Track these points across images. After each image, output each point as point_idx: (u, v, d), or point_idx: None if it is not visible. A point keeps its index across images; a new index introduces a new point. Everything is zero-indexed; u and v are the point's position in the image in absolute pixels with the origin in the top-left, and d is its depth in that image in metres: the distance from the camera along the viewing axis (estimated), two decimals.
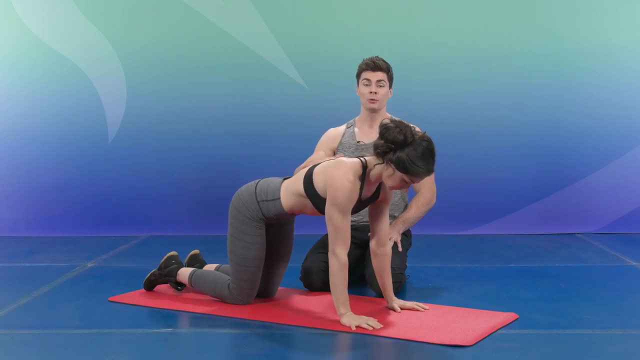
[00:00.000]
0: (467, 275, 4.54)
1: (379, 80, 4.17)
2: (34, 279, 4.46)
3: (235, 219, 3.73)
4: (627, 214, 5.96)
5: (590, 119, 5.93)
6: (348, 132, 4.31)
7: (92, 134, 5.97)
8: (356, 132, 4.29)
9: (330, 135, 4.35)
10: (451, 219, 5.96)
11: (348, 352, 3.24)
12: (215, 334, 3.42)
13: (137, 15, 5.95)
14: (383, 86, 4.19)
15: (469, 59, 5.93)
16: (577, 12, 5.91)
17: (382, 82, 4.18)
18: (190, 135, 5.98)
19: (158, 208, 6.00)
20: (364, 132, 4.28)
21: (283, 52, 5.94)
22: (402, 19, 5.95)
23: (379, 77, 4.17)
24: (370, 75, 4.18)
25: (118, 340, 3.33)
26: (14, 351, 3.24)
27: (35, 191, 5.99)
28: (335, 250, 3.44)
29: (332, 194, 3.44)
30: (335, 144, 4.30)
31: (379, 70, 4.18)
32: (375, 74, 4.18)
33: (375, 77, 4.17)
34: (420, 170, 3.36)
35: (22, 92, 5.96)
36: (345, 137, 4.29)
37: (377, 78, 4.17)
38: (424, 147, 3.37)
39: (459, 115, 5.92)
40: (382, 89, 4.18)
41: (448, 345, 3.19)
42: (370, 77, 4.18)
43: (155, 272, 4.06)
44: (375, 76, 4.18)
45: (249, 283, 3.75)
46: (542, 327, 3.46)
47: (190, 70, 5.96)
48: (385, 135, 3.40)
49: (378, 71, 4.18)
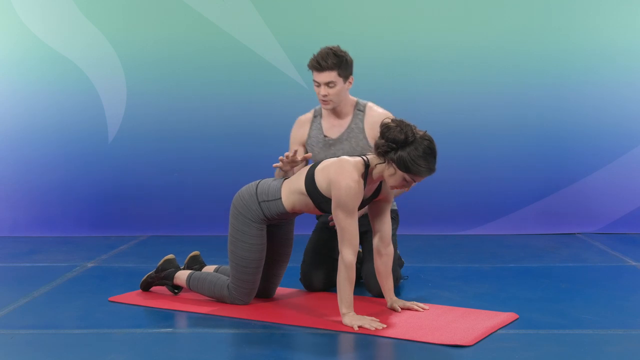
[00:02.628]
0: (466, 275, 4.54)
1: (327, 82, 3.88)
2: (34, 279, 4.46)
3: (236, 220, 3.73)
4: (627, 214, 5.96)
5: (590, 119, 5.93)
6: (315, 124, 4.11)
7: (92, 134, 5.97)
8: (322, 123, 4.09)
9: (299, 127, 4.16)
10: (451, 219, 5.96)
11: (348, 352, 3.24)
12: (215, 334, 3.42)
13: (138, 15, 5.95)
14: (333, 86, 3.89)
15: (468, 59, 5.92)
16: (577, 12, 5.91)
17: (331, 83, 3.88)
18: (190, 135, 5.97)
19: (158, 208, 6.00)
20: (329, 123, 4.07)
21: (283, 52, 5.94)
22: (402, 19, 5.95)
23: (326, 78, 3.87)
24: (317, 77, 3.90)
25: (118, 340, 3.33)
26: (14, 351, 3.24)
27: (35, 191, 5.99)
28: (342, 251, 3.44)
29: (337, 194, 3.44)
30: (305, 137, 4.12)
31: (326, 71, 3.87)
32: (322, 75, 3.88)
33: (323, 79, 3.88)
34: (422, 169, 3.37)
35: (22, 92, 5.96)
36: (313, 130, 4.11)
37: (325, 80, 3.88)
38: (425, 146, 3.37)
39: (458, 115, 5.92)
40: (333, 89, 3.90)
41: (448, 345, 3.19)
42: (318, 79, 3.90)
43: (152, 274, 4.06)
44: (322, 77, 3.88)
45: (248, 283, 3.75)
46: (542, 327, 3.46)
47: (190, 70, 5.96)
48: (386, 134, 3.40)
49: (325, 71, 3.87)
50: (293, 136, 4.20)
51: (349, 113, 4.08)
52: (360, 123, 4.05)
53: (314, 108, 4.20)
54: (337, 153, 4.03)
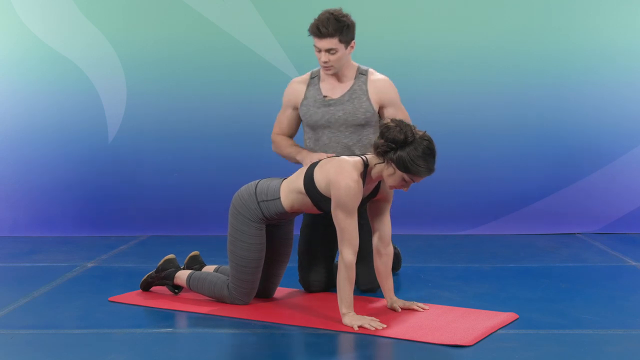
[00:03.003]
0: (466, 275, 4.54)
1: (328, 49, 3.84)
2: (34, 279, 4.46)
3: (236, 220, 3.73)
4: (627, 214, 5.96)
5: (590, 119, 5.93)
6: (313, 84, 4.03)
7: (92, 134, 5.97)
8: (321, 85, 4.02)
9: (293, 88, 4.08)
10: (451, 219, 5.96)
11: (348, 352, 3.24)
12: (215, 334, 3.42)
13: (138, 15, 5.95)
14: (335, 53, 3.84)
15: (468, 59, 5.92)
16: (577, 12, 5.90)
17: (332, 50, 3.83)
18: (190, 135, 5.97)
19: (158, 208, 6.00)
20: (330, 85, 4.01)
21: (283, 52, 5.94)
22: (402, 19, 5.94)
23: (327, 45, 3.83)
24: (318, 43, 3.85)
25: (118, 340, 3.33)
26: (14, 351, 3.24)
27: (35, 191, 5.99)
28: (342, 251, 3.44)
29: (336, 194, 3.44)
30: (300, 98, 4.04)
31: (327, 37, 3.82)
32: (323, 42, 3.83)
33: (324, 46, 3.84)
34: (421, 170, 3.37)
35: (22, 92, 5.96)
36: (310, 91, 4.03)
37: (325, 47, 3.83)
38: (424, 146, 3.38)
39: (458, 115, 5.91)
40: (334, 55, 3.85)
41: (448, 345, 3.19)
42: (318, 45, 3.85)
43: (152, 274, 4.06)
44: (322, 44, 3.84)
45: (248, 283, 3.75)
46: (542, 327, 3.46)
47: (190, 70, 5.96)
48: (385, 134, 3.40)
49: (325, 38, 3.82)
50: (286, 97, 4.11)
51: (351, 76, 4.02)
52: (364, 85, 4.01)
53: (310, 71, 4.12)
54: (337, 114, 3.98)
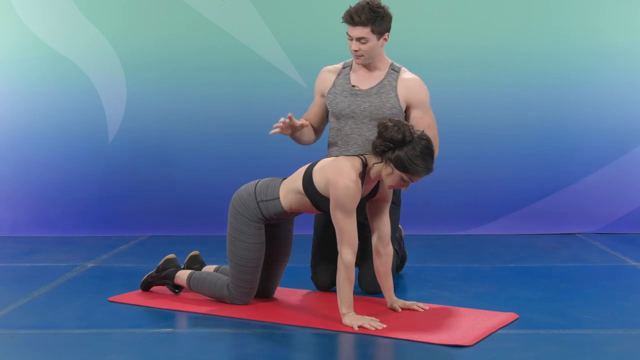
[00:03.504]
0: (466, 275, 4.54)
1: (360, 38, 3.83)
2: (34, 279, 4.46)
3: (235, 219, 3.73)
4: (627, 214, 5.96)
5: (590, 119, 5.93)
6: (343, 73, 4.03)
7: (92, 134, 5.97)
8: (352, 75, 4.01)
9: (324, 75, 4.09)
10: (451, 219, 5.96)
11: (348, 352, 3.24)
12: (215, 334, 3.42)
13: (138, 15, 5.95)
14: (365, 42, 3.83)
15: (468, 59, 5.92)
16: (577, 12, 5.90)
17: (363, 39, 3.82)
18: (190, 135, 5.97)
19: (158, 208, 6.00)
20: (360, 76, 4.00)
21: (283, 52, 5.94)
22: (402, 19, 5.92)
23: (358, 33, 3.82)
24: (351, 31, 3.85)
25: (118, 340, 3.33)
26: (14, 351, 3.24)
27: (35, 191, 5.99)
28: (341, 251, 3.45)
29: (335, 194, 3.44)
30: (328, 86, 4.03)
31: (359, 26, 3.81)
32: (355, 30, 3.83)
33: (355, 34, 3.83)
34: (419, 169, 3.38)
35: (22, 92, 5.96)
36: (339, 79, 4.02)
37: (357, 35, 3.83)
38: (422, 145, 3.38)
39: (458, 115, 5.91)
40: (365, 45, 3.84)
41: (448, 345, 3.19)
42: (350, 33, 3.85)
43: (152, 274, 4.06)
44: (354, 32, 3.83)
45: (248, 283, 3.75)
46: (542, 327, 3.46)
47: (190, 70, 5.96)
48: (383, 134, 3.41)
49: (357, 26, 3.81)
50: (317, 84, 4.12)
51: (383, 70, 4.01)
52: (394, 82, 3.99)
53: (344, 61, 4.12)
54: (362, 105, 3.96)
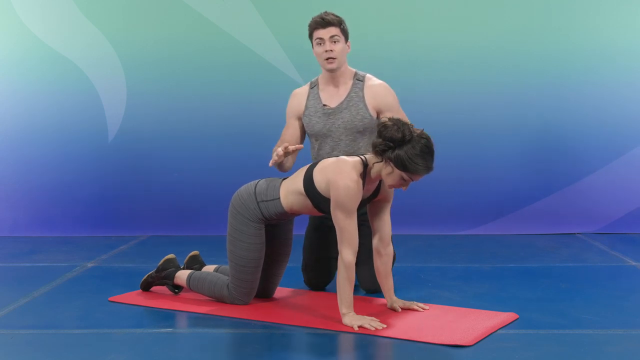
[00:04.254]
0: (466, 275, 4.54)
1: (332, 36, 3.92)
2: (34, 279, 4.46)
3: (235, 220, 3.73)
4: (627, 214, 5.96)
5: (590, 119, 5.93)
6: (312, 94, 4.08)
7: (92, 134, 5.98)
8: (320, 94, 4.07)
9: (295, 99, 4.12)
10: (451, 219, 5.96)
11: (348, 352, 3.24)
12: (215, 334, 3.42)
13: (138, 15, 5.95)
14: (337, 41, 3.93)
15: (468, 59, 5.92)
16: (577, 12, 5.91)
17: (335, 37, 3.93)
18: (190, 135, 5.98)
19: (158, 208, 6.00)
20: (328, 93, 4.05)
21: (283, 52, 5.94)
22: (402, 19, 5.95)
23: (331, 32, 3.92)
24: (322, 33, 3.93)
25: (118, 340, 3.33)
26: (14, 351, 3.24)
27: (35, 191, 5.99)
28: (341, 251, 3.44)
29: (335, 194, 3.44)
30: (302, 108, 4.08)
31: (330, 26, 3.92)
32: (327, 30, 3.92)
33: (328, 34, 3.92)
34: (420, 168, 3.37)
35: (22, 92, 5.96)
36: (310, 100, 4.07)
37: (329, 34, 3.92)
38: (422, 144, 3.37)
39: (458, 115, 5.91)
40: (337, 44, 3.94)
41: (448, 345, 3.19)
42: (322, 34, 3.93)
43: (152, 274, 4.06)
44: (327, 33, 3.93)
45: (248, 283, 3.75)
46: (542, 327, 3.46)
47: (190, 70, 5.96)
48: (383, 133, 3.40)
49: (329, 27, 3.92)
50: (289, 109, 4.14)
51: (348, 82, 4.05)
52: (360, 92, 4.02)
53: (309, 82, 4.16)
54: (336, 122, 4.01)
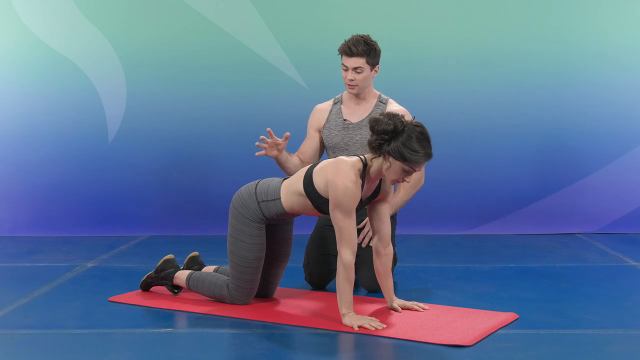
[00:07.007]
0: (467, 275, 4.54)
1: (355, 68, 4.02)
2: (34, 279, 4.46)
3: (236, 220, 3.73)
4: (627, 214, 5.96)
5: (590, 119, 5.93)
6: (335, 109, 4.21)
7: (92, 134, 5.97)
8: (343, 109, 4.19)
9: (317, 112, 4.26)
10: (451, 219, 5.96)
11: (348, 352, 3.24)
12: (215, 334, 3.42)
13: (137, 15, 5.95)
14: (361, 72, 4.03)
15: (468, 59, 5.92)
16: (577, 12, 5.91)
17: (359, 69, 4.02)
18: (190, 135, 5.97)
19: (158, 208, 6.00)
20: (350, 109, 4.17)
21: (283, 52, 5.94)
22: (402, 19, 5.95)
23: (355, 63, 4.01)
24: (347, 62, 4.03)
25: (118, 340, 3.33)
26: (14, 351, 3.24)
27: (35, 191, 5.99)
28: (340, 251, 3.44)
29: (334, 194, 3.44)
30: (322, 121, 4.21)
31: (355, 56, 4.00)
32: (351, 60, 4.02)
33: (352, 64, 4.02)
34: (419, 156, 3.35)
35: (22, 92, 5.96)
36: (332, 115, 4.20)
37: (353, 65, 4.02)
38: (418, 132, 3.36)
39: (458, 115, 5.91)
40: (360, 74, 4.03)
41: (448, 345, 3.19)
42: (347, 63, 4.03)
43: (151, 274, 4.06)
44: (351, 62, 4.02)
45: (248, 283, 3.75)
46: (542, 327, 3.46)
47: (190, 70, 5.96)
48: (375, 128, 3.39)
49: (354, 57, 4.01)
50: (311, 121, 4.29)
51: (372, 102, 4.17)
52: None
53: (334, 97, 4.28)
54: (354, 137, 4.12)
